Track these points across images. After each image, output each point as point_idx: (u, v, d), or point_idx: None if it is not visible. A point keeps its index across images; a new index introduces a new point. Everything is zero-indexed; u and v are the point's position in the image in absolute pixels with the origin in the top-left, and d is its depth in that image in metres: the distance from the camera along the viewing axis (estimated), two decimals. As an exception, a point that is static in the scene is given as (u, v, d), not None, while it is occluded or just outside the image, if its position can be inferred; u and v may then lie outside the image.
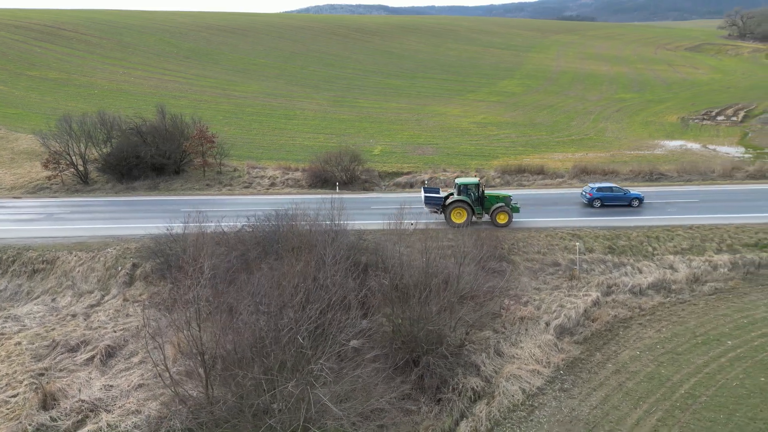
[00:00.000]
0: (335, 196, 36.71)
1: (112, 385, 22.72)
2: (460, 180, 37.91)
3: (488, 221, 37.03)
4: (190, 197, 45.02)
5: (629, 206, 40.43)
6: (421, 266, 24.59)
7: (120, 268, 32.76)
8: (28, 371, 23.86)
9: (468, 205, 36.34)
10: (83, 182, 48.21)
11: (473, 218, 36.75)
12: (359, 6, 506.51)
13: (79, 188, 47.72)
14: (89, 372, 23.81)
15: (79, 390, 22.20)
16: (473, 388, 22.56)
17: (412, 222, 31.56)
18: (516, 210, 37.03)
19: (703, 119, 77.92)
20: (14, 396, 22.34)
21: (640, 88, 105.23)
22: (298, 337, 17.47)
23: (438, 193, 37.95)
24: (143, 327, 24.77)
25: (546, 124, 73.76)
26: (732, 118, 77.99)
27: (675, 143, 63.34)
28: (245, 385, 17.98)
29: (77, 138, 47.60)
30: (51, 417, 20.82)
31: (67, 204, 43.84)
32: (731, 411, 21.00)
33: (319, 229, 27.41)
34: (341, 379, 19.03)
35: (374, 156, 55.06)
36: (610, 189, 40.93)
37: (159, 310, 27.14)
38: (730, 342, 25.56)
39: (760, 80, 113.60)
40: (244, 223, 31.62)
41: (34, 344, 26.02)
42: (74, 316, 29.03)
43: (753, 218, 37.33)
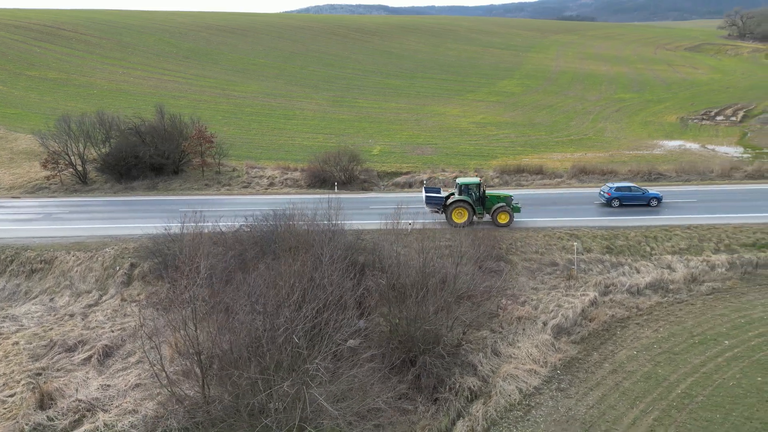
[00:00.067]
0: (332, 195, 36.72)
1: (109, 385, 22.76)
2: (461, 180, 37.80)
3: (489, 221, 37.05)
4: (188, 197, 45.05)
5: (648, 206, 40.23)
6: (419, 266, 24.60)
7: (118, 268, 32.79)
8: (26, 371, 23.90)
9: (469, 205, 36.31)
10: (82, 182, 48.27)
11: (474, 218, 36.76)
12: (359, 6, 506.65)
13: (77, 188, 47.78)
14: (86, 372, 23.85)
15: (76, 390, 22.21)
16: (470, 387, 22.56)
17: (409, 222, 31.61)
18: (517, 210, 37.02)
19: (703, 119, 77.90)
20: (11, 395, 22.37)
21: (640, 88, 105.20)
22: (293, 337, 17.48)
23: (439, 193, 37.89)
24: (140, 327, 24.78)
25: (545, 124, 73.77)
26: (731, 118, 77.95)
27: (674, 143, 63.36)
28: (241, 384, 18.01)
29: (76, 138, 47.68)
30: (48, 416, 20.83)
31: (66, 204, 43.88)
32: (728, 411, 21.01)
33: (317, 229, 27.41)
34: (337, 378, 19.04)
35: (373, 156, 55.09)
36: (629, 189, 40.74)
37: (156, 310, 27.15)
38: (727, 342, 25.57)
39: (759, 80, 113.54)
40: (242, 223, 31.65)
41: (31, 344, 26.06)
42: (72, 315, 29.08)
43: (751, 218, 37.34)
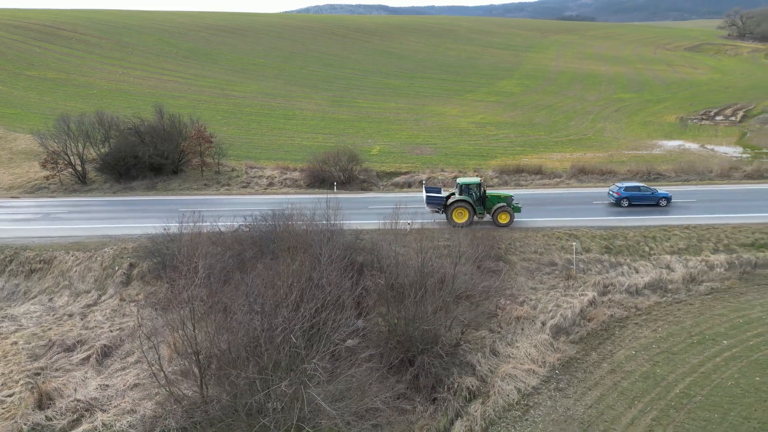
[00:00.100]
0: (331, 195, 36.74)
1: (107, 385, 22.77)
2: (461, 179, 37.73)
3: (489, 221, 37.06)
4: (188, 197, 45.07)
5: (657, 205, 40.17)
6: (417, 266, 24.61)
7: (117, 268, 32.80)
8: (24, 371, 23.91)
9: (470, 205, 36.29)
10: (81, 182, 48.27)
11: (475, 218, 36.76)
12: (359, 6, 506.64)
13: (77, 188, 47.78)
14: (85, 371, 23.85)
15: (75, 389, 22.23)
16: (468, 387, 22.57)
17: (408, 222, 31.61)
18: (517, 210, 37.01)
19: (702, 119, 77.91)
20: (10, 395, 22.40)
21: (639, 88, 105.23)
22: (291, 337, 17.50)
23: (439, 193, 37.85)
24: (138, 327, 24.82)
25: (544, 124, 73.77)
26: (730, 118, 77.96)
27: (673, 143, 63.37)
28: (239, 384, 18.03)
29: (75, 138, 47.68)
30: (46, 416, 20.85)
31: (65, 204, 43.90)
32: (726, 410, 21.03)
33: (315, 229, 27.42)
34: (335, 378, 19.06)
35: (372, 156, 55.10)
36: (638, 188, 40.69)
37: (155, 310, 27.18)
38: (725, 342, 25.58)
39: (759, 80, 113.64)
40: (240, 222, 31.67)
41: (30, 344, 26.07)
42: (71, 315, 29.08)
43: (750, 218, 37.35)
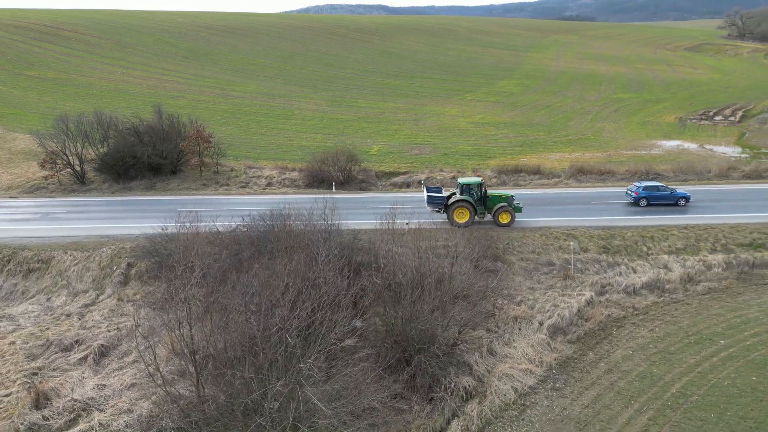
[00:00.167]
0: (329, 195, 36.75)
1: (104, 385, 22.79)
2: (462, 179, 37.69)
3: (490, 221, 37.07)
4: (186, 197, 45.08)
5: (675, 205, 40.04)
6: (414, 265, 24.62)
7: (115, 268, 32.83)
8: (22, 370, 23.92)
9: (471, 205, 36.28)
10: (80, 182, 48.30)
11: (476, 218, 36.77)
12: (359, 6, 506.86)
13: (75, 188, 47.82)
14: (82, 371, 23.87)
15: (72, 389, 22.24)
16: (465, 387, 22.58)
17: (406, 222, 31.62)
18: (518, 210, 37.03)
19: (701, 119, 77.91)
20: (7, 395, 22.39)
21: (639, 88, 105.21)
22: (287, 336, 17.51)
23: (440, 193, 37.83)
24: (135, 327, 24.85)
25: (544, 124, 73.78)
26: (730, 118, 77.96)
27: (672, 143, 63.38)
28: (236, 384, 18.03)
29: (74, 138, 47.71)
30: (43, 416, 20.86)
31: (64, 204, 43.93)
32: (722, 410, 21.05)
33: (312, 229, 27.43)
34: (332, 378, 19.07)
35: (371, 156, 55.12)
36: (656, 188, 40.63)
37: (153, 310, 27.20)
38: (722, 341, 25.60)
39: (758, 80, 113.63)
40: (238, 222, 31.67)
41: (28, 344, 26.09)
42: (69, 315, 29.11)
43: (748, 218, 37.37)
